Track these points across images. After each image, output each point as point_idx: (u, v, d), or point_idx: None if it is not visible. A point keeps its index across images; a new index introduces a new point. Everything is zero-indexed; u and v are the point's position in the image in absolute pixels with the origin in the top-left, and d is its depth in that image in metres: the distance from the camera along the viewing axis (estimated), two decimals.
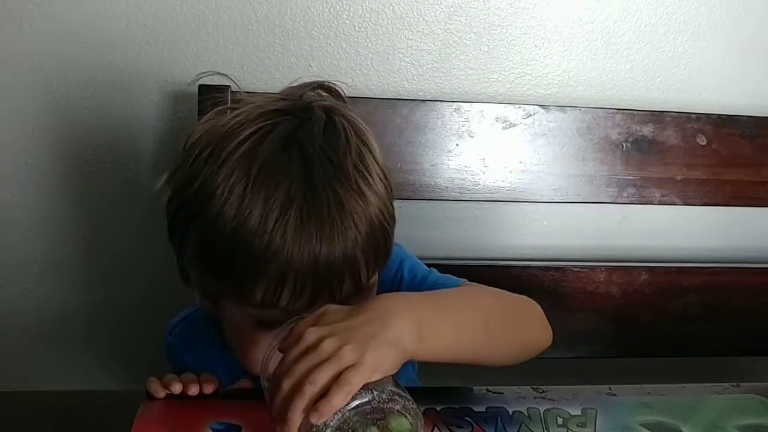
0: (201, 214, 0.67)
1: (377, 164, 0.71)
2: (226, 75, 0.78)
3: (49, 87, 1.09)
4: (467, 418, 0.67)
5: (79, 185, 1.13)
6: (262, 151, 0.66)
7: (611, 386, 0.72)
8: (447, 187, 1.12)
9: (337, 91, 0.77)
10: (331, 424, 0.55)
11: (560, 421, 0.68)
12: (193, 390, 0.69)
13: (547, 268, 1.17)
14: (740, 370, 1.29)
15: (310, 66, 1.11)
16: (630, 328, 1.20)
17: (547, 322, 0.75)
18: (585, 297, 1.17)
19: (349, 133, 0.70)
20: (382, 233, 0.69)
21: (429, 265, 0.85)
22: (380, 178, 0.71)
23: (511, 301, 0.75)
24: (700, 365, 1.25)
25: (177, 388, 0.69)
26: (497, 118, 1.12)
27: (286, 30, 1.10)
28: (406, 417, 0.57)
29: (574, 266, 1.17)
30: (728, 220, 1.27)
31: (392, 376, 0.59)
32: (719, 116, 1.18)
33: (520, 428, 0.67)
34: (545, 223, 1.25)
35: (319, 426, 0.55)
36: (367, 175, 0.69)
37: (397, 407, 0.57)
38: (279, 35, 1.10)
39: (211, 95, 1.04)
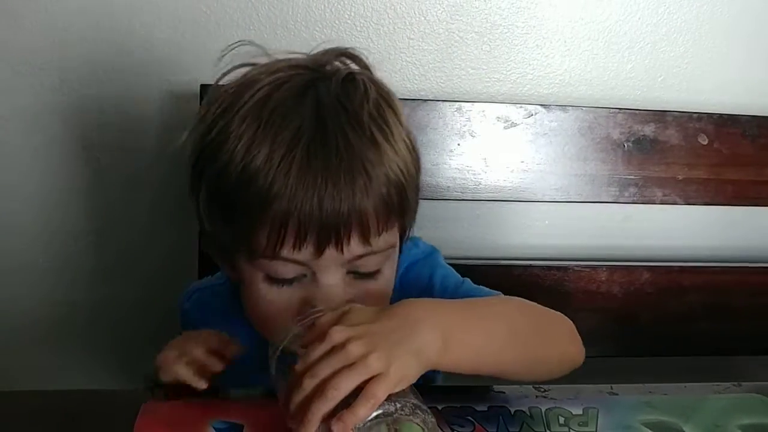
0: (214, 161, 0.67)
1: (400, 125, 0.70)
2: (259, 46, 0.74)
3: (50, 86, 1.09)
4: (469, 417, 0.67)
5: (81, 184, 1.14)
6: (276, 97, 0.66)
7: (613, 385, 0.72)
8: (448, 186, 1.13)
9: (361, 59, 0.74)
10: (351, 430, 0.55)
11: (562, 420, 0.68)
12: (217, 366, 0.67)
13: (548, 268, 1.17)
14: (742, 370, 1.29)
15: None
16: (631, 327, 1.20)
17: (579, 339, 0.72)
18: (586, 296, 1.17)
19: (369, 87, 0.68)
20: (397, 190, 0.67)
21: None
22: (402, 139, 0.69)
23: (542, 316, 0.72)
24: (701, 364, 1.25)
25: (202, 384, 0.66)
26: (499, 117, 1.12)
27: (287, 30, 1.10)
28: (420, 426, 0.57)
29: (576, 266, 1.17)
30: (730, 219, 1.27)
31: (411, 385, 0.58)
32: (721, 116, 1.18)
33: (521, 427, 0.67)
34: (547, 222, 1.25)
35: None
36: (386, 129, 0.67)
37: (418, 421, 0.56)
38: (281, 35, 1.10)
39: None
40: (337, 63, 0.72)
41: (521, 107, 1.13)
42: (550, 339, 0.70)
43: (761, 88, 1.24)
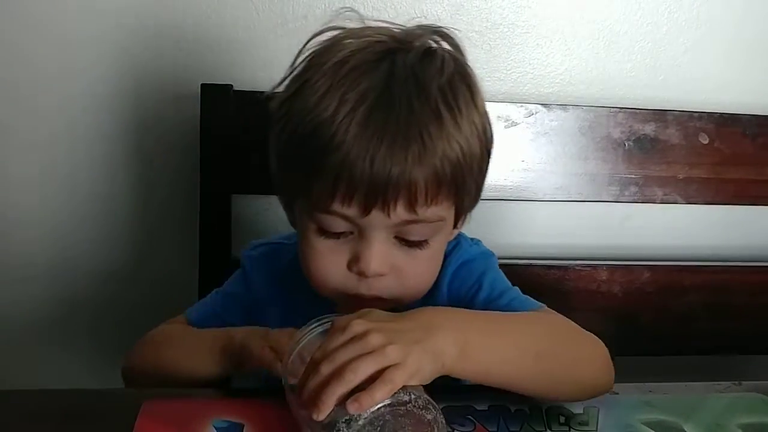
0: (291, 108, 0.70)
1: (474, 107, 0.70)
2: (360, 14, 0.76)
3: (50, 89, 1.09)
4: (469, 416, 0.67)
5: (84, 185, 1.14)
6: (354, 59, 0.68)
7: (613, 385, 0.72)
8: None
9: (452, 38, 0.75)
10: (365, 416, 0.55)
11: (562, 419, 0.68)
12: None
13: (549, 267, 1.17)
14: (742, 369, 1.29)
15: None
16: (632, 326, 1.20)
17: (611, 366, 0.71)
18: (587, 296, 1.17)
19: (447, 63, 0.70)
20: (452, 166, 0.67)
21: None
22: (472, 120, 0.70)
23: (572, 340, 0.70)
24: (701, 364, 1.25)
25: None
26: (499, 116, 1.12)
27: (287, 29, 1.10)
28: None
29: (576, 265, 1.17)
30: (730, 218, 1.27)
31: (423, 387, 0.59)
32: (721, 115, 1.18)
33: (522, 427, 0.67)
34: (547, 222, 1.25)
35: (352, 416, 0.54)
36: (454, 105, 0.68)
37: (429, 417, 0.56)
38: (281, 34, 1.10)
39: (213, 95, 1.04)
40: (427, 39, 0.73)
41: (522, 106, 1.14)
42: (576, 364, 0.69)
43: (762, 87, 1.24)
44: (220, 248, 1.07)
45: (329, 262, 0.71)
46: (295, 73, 0.72)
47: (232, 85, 1.05)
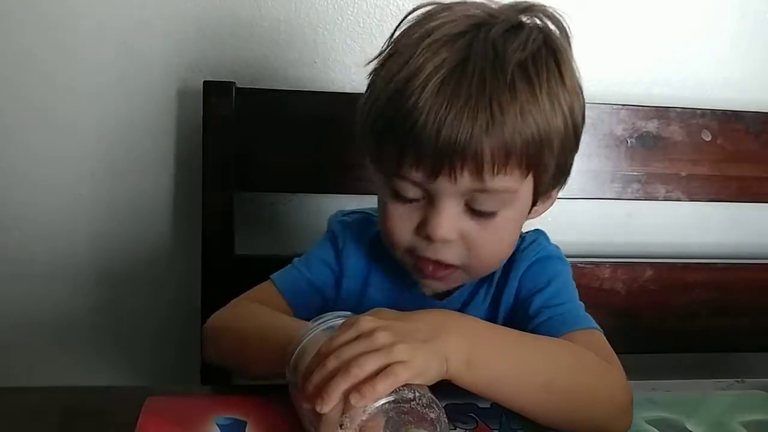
0: (375, 80, 0.73)
1: (561, 83, 0.70)
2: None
3: (53, 85, 1.09)
4: (472, 414, 0.67)
5: (87, 183, 1.14)
6: (440, 31, 0.69)
7: None
8: None
9: (557, 18, 0.75)
10: (368, 410, 0.55)
11: None
12: None
13: None
14: (745, 366, 1.29)
15: (315, 62, 1.11)
16: (634, 324, 1.20)
17: (630, 414, 0.67)
18: (589, 293, 1.17)
19: (533, 38, 0.70)
20: (524, 139, 0.67)
21: None
22: (555, 96, 0.69)
23: (594, 373, 0.67)
24: (705, 361, 1.25)
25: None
26: None
27: (290, 26, 1.10)
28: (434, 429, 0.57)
29: (579, 262, 1.17)
30: (733, 216, 1.27)
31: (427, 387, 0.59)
32: (724, 112, 1.18)
33: (524, 425, 0.67)
34: (549, 219, 1.24)
35: (356, 409, 0.54)
36: (534, 79, 0.68)
37: (432, 415, 0.56)
38: (284, 32, 1.10)
39: (216, 92, 1.04)
40: (522, 16, 0.73)
41: None
42: (591, 401, 0.66)
43: (765, 84, 1.23)
44: (222, 245, 1.07)
45: (401, 226, 0.72)
46: (392, 38, 0.74)
47: (234, 82, 1.05)
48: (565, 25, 0.74)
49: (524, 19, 0.72)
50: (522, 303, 0.77)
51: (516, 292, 0.79)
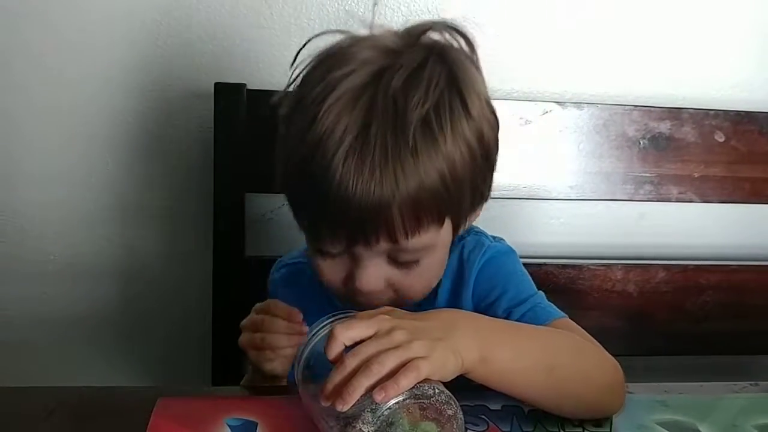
0: (289, 127, 0.72)
1: (465, 125, 0.70)
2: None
3: (65, 86, 1.10)
4: (483, 416, 0.67)
5: (96, 184, 1.14)
6: (343, 84, 0.68)
7: (628, 385, 0.72)
8: None
9: (467, 36, 0.75)
10: (389, 405, 0.55)
11: (576, 420, 0.68)
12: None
13: (563, 266, 1.16)
14: (758, 369, 1.28)
15: None
16: (647, 326, 1.19)
17: (624, 391, 0.71)
18: (601, 295, 1.17)
19: (434, 84, 0.69)
20: (431, 198, 0.68)
21: None
22: (461, 141, 0.69)
23: (588, 357, 0.70)
24: (717, 364, 1.24)
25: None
26: (513, 114, 1.12)
27: (301, 28, 1.10)
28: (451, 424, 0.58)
29: (591, 264, 1.17)
30: (746, 217, 1.26)
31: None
32: (737, 113, 1.17)
33: (535, 427, 0.66)
34: (561, 220, 1.24)
35: (378, 405, 0.55)
36: (437, 134, 0.68)
37: (450, 412, 0.57)
38: (294, 34, 1.10)
39: (227, 94, 1.04)
40: (436, 36, 0.74)
41: (536, 104, 1.13)
42: (589, 383, 0.68)
43: None
44: (234, 246, 1.07)
45: (330, 278, 0.74)
46: (293, 83, 0.74)
47: (245, 84, 1.05)
48: (469, 36, 0.75)
49: (425, 55, 0.71)
50: (486, 309, 0.78)
51: (475, 299, 0.80)
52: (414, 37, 0.74)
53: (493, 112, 0.75)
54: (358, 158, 0.66)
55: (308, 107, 0.69)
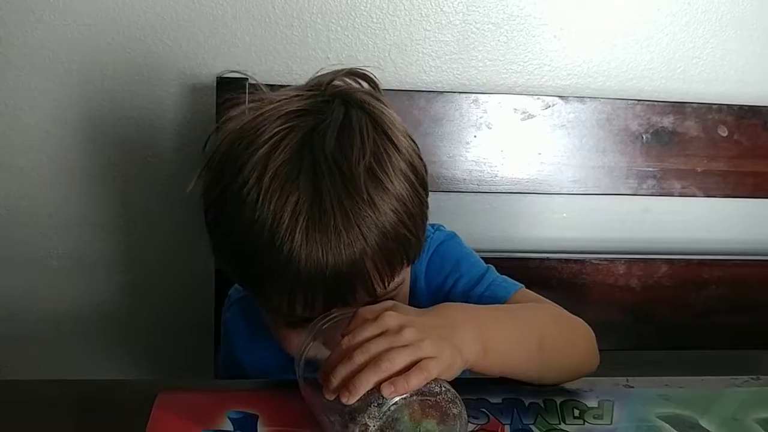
0: (222, 218, 0.69)
1: (400, 161, 0.69)
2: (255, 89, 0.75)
3: (68, 80, 1.10)
4: (483, 409, 0.67)
5: (99, 178, 1.14)
6: (275, 159, 0.66)
7: (628, 378, 0.72)
8: (465, 179, 1.12)
9: (370, 77, 0.76)
10: (395, 401, 0.56)
11: (577, 413, 0.68)
12: None
13: (566, 261, 1.16)
14: (760, 363, 1.28)
15: (328, 58, 1.11)
16: (649, 320, 1.19)
17: (597, 349, 0.75)
18: (604, 289, 1.17)
19: (365, 133, 0.68)
20: (396, 240, 0.68)
21: None
22: (402, 178, 0.69)
23: (567, 324, 0.75)
24: (719, 358, 1.24)
25: None
26: (516, 109, 1.12)
27: (303, 22, 1.10)
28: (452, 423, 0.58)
29: (594, 258, 1.17)
30: (750, 212, 1.26)
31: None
32: (741, 107, 1.17)
33: (536, 420, 0.67)
34: (564, 215, 1.24)
35: (385, 400, 0.55)
36: (384, 179, 0.67)
37: (455, 410, 0.58)
38: (297, 27, 1.10)
39: (229, 88, 1.04)
40: (341, 84, 0.73)
41: (539, 99, 1.13)
42: (572, 349, 0.73)
43: None
44: None
45: (299, 342, 0.68)
46: (213, 171, 0.70)
47: (247, 78, 1.05)
48: (371, 76, 0.75)
49: (343, 107, 0.70)
50: (446, 297, 0.78)
51: (431, 289, 0.81)
52: (319, 91, 0.72)
53: (410, 136, 0.74)
54: (320, 228, 0.64)
55: (246, 192, 0.66)
